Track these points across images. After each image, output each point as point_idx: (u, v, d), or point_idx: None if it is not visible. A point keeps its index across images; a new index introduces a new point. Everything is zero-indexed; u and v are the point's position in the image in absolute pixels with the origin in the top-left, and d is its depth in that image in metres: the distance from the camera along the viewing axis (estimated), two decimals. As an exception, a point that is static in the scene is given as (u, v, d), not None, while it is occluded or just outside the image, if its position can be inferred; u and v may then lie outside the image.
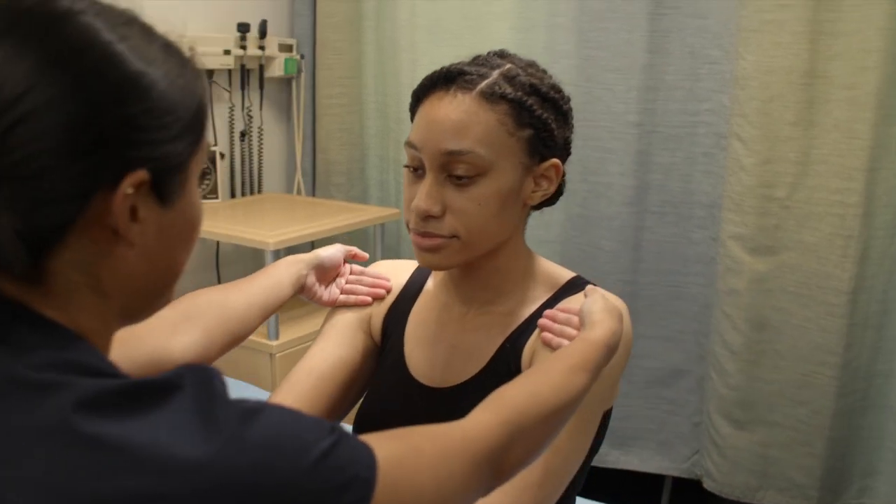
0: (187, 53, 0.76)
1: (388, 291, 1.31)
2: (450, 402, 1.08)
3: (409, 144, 1.13)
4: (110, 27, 0.69)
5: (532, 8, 2.70)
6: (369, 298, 1.30)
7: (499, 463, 0.82)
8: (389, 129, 3.08)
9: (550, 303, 1.17)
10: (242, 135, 3.11)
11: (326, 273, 1.32)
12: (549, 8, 2.67)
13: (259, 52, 3.02)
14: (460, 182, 1.09)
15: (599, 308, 1.05)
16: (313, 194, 3.30)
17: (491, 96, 1.09)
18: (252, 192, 3.19)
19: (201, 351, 1.17)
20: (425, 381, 1.22)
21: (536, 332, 1.14)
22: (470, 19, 2.82)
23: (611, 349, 1.01)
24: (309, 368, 1.27)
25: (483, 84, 1.09)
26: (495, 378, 1.11)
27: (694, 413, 2.66)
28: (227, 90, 3.05)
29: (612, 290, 2.55)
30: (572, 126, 1.19)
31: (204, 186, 2.94)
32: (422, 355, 1.24)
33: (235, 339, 1.22)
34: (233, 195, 3.13)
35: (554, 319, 1.09)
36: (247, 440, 0.64)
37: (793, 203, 2.30)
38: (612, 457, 2.77)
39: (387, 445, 0.74)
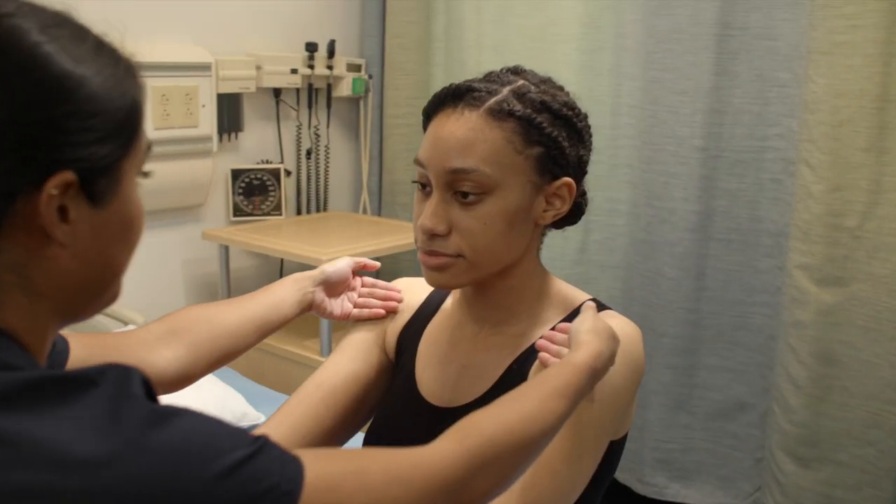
0: (123, 54, 0.75)
1: (400, 303, 1.29)
2: (448, 422, 1.04)
3: (417, 162, 1.11)
4: (40, 28, 0.68)
5: (598, 29, 2.67)
6: (383, 311, 1.28)
7: (458, 493, 0.78)
8: (454, 149, 3.06)
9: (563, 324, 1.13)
10: (308, 153, 3.14)
11: (335, 288, 1.30)
12: (616, 30, 2.63)
13: (327, 72, 3.05)
14: (466, 200, 1.07)
15: (587, 328, 1.01)
16: (379, 213, 3.30)
17: (499, 113, 1.06)
18: (318, 210, 3.21)
19: (186, 365, 1.16)
20: (434, 400, 1.19)
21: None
22: (536, 41, 2.80)
23: (596, 372, 0.97)
24: (320, 381, 1.25)
25: (491, 101, 1.07)
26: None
27: (757, 448, 2.56)
28: (294, 109, 3.08)
29: (673, 319, 2.54)
30: (588, 144, 1.15)
31: (268, 204, 2.97)
32: (432, 374, 1.21)
33: (226, 356, 1.21)
34: (298, 212, 3.16)
35: (552, 340, 1.05)
36: (149, 443, 0.63)
37: (863, 233, 2.20)
38: (672, 490, 2.69)
39: (325, 464, 0.72)
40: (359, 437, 1.29)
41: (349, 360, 1.27)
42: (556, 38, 2.75)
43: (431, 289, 1.31)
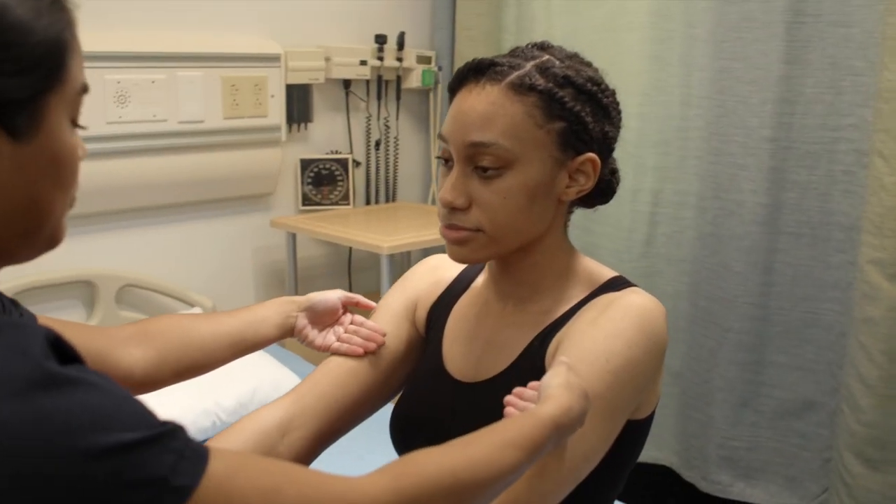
0: None
1: (382, 346, 1.26)
2: (475, 398, 1.05)
3: (440, 136, 1.12)
4: None
5: (668, 19, 2.62)
6: (361, 350, 1.24)
7: None
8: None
9: (586, 301, 1.13)
10: (377, 144, 3.16)
11: (320, 317, 1.28)
12: (685, 19, 2.58)
13: (396, 64, 3.07)
14: (486, 175, 1.07)
15: (557, 383, 0.97)
16: (447, 205, 3.31)
17: (520, 87, 1.06)
18: (387, 201, 3.23)
19: (150, 369, 1.17)
20: (458, 375, 1.20)
21: (564, 328, 1.11)
22: (606, 31, 2.77)
23: (561, 428, 0.93)
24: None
25: (513, 75, 1.07)
26: (520, 375, 1.09)
27: (825, 448, 2.49)
28: (363, 100, 3.11)
29: (739, 314, 2.48)
30: (615, 120, 1.14)
31: (336, 193, 3.01)
32: (457, 350, 1.22)
33: (195, 367, 1.21)
34: (367, 202, 3.19)
35: (521, 396, 1.01)
36: (29, 406, 0.61)
37: (938, 227, 2.12)
38: (736, 488, 2.63)
39: (236, 472, 0.69)
40: (386, 411, 1.30)
41: None
42: (626, 28, 2.71)
43: (464, 266, 1.31)
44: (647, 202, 2.70)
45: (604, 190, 1.17)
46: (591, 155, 1.09)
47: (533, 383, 1.02)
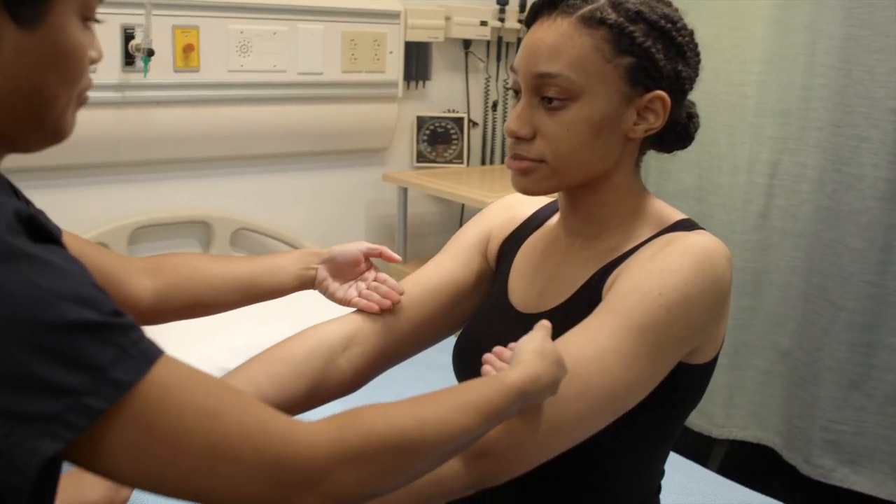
0: None
1: (398, 303, 1.26)
2: (531, 327, 1.06)
3: (511, 68, 1.14)
4: None
5: (798, -18, 2.52)
6: (375, 307, 1.24)
7: (316, 482, 0.72)
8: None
9: (652, 240, 1.12)
10: (495, 105, 3.17)
11: (341, 270, 1.28)
12: (816, -18, 2.48)
13: (517, 26, 3.06)
14: (551, 106, 1.08)
15: (531, 348, 0.96)
16: (563, 169, 3.29)
17: (590, 21, 1.07)
18: (502, 162, 3.24)
19: (157, 301, 1.19)
20: (520, 307, 1.21)
21: (624, 263, 1.10)
22: (730, -6, 2.69)
23: (526, 395, 0.91)
24: (419, 280, 1.30)
25: (585, 9, 1.08)
26: (577, 308, 1.10)
27: (937, 439, 2.37)
28: (482, 61, 3.13)
29: (854, 292, 2.39)
30: (691, 61, 1.12)
31: (451, 152, 3.04)
32: (522, 283, 1.23)
33: (202, 305, 1.24)
34: (483, 162, 3.21)
35: (500, 356, 1.00)
36: (5, 266, 0.64)
37: None
38: (839, 474, 2.54)
39: (180, 382, 0.69)
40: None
41: (450, 262, 1.32)
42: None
43: (542, 204, 1.33)
44: (764, 173, 2.62)
45: (680, 134, 1.17)
46: (661, 93, 1.09)
47: (512, 344, 1.01)
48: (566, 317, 1.10)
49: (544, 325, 1.01)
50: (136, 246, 2.56)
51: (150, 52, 2.33)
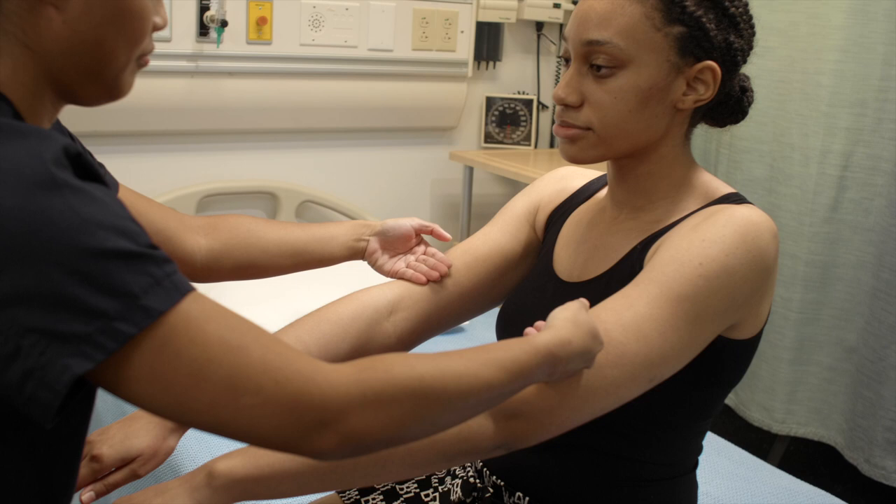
0: None
1: (445, 277, 1.27)
2: (574, 297, 1.07)
3: (562, 36, 1.13)
4: None
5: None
6: (423, 278, 1.26)
7: (334, 421, 0.73)
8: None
9: (697, 212, 1.11)
10: (565, 88, 3.16)
11: (392, 243, 1.30)
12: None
13: (592, 8, 3.04)
14: (599, 73, 1.09)
15: (565, 316, 0.96)
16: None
17: None
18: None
19: (210, 260, 1.23)
20: (564, 275, 1.22)
21: (667, 233, 1.10)
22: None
23: (554, 359, 0.91)
24: (467, 248, 1.32)
25: None
26: (618, 277, 1.10)
27: None
28: (554, 43, 3.11)
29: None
30: (744, 33, 1.11)
31: (519, 133, 3.03)
32: (567, 252, 1.24)
33: (254, 267, 1.27)
34: (551, 145, 3.20)
35: (540, 330, 0.99)
36: (29, 199, 0.66)
37: None
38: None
39: (208, 316, 0.71)
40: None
41: (498, 232, 1.33)
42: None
43: (592, 177, 1.33)
44: (837, 165, 2.55)
45: (732, 107, 1.17)
46: (711, 63, 1.08)
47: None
48: (608, 286, 1.10)
49: (582, 300, 1.02)
50: (203, 213, 2.62)
51: (224, 23, 2.37)
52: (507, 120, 3.03)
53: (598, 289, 1.09)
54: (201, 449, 1.71)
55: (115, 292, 0.67)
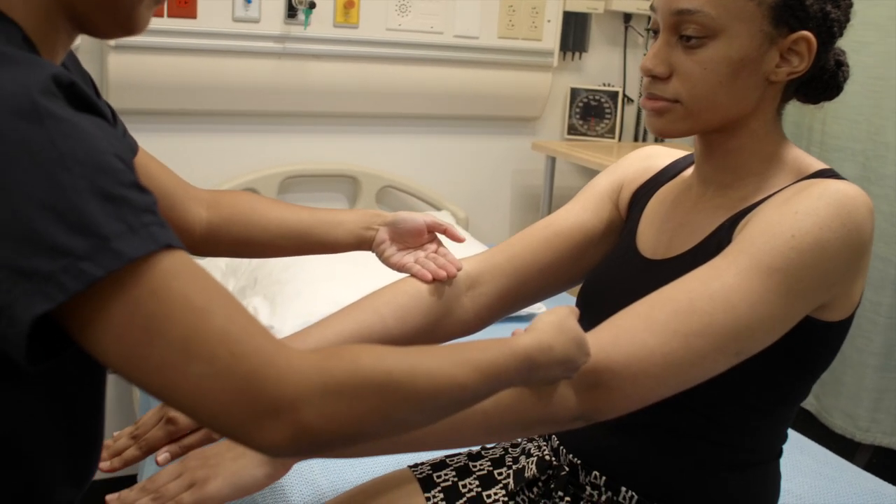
0: None
1: (453, 277, 1.23)
2: (658, 274, 1.05)
3: (651, 7, 1.11)
4: None
5: None
6: (429, 276, 1.22)
7: (290, 407, 0.68)
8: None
9: (789, 188, 1.07)
10: (652, 82, 3.11)
11: (402, 236, 1.26)
12: None
13: (682, 0, 2.98)
14: (689, 44, 1.05)
15: (550, 320, 0.93)
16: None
17: None
18: (656, 141, 3.17)
19: (209, 233, 1.21)
20: (647, 253, 1.20)
21: (756, 209, 1.06)
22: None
23: (533, 364, 0.87)
24: (549, 223, 1.31)
25: None
26: (705, 254, 1.06)
27: None
28: (641, 35, 3.06)
29: None
30: (842, 4, 1.07)
31: (603, 126, 2.99)
32: (651, 230, 1.21)
33: (253, 245, 1.24)
34: (636, 139, 3.16)
35: None
36: (7, 126, 0.65)
37: None
38: None
39: (181, 273, 0.68)
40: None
41: (581, 209, 1.31)
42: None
43: (678, 156, 1.30)
44: (935, 164, 2.47)
45: (827, 82, 1.12)
46: (807, 33, 1.04)
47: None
48: (692, 263, 1.07)
49: (572, 307, 0.99)
50: (285, 195, 2.64)
51: (312, 5, 2.39)
52: (591, 112, 2.99)
53: (683, 266, 1.06)
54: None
55: (85, 231, 0.64)
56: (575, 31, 2.94)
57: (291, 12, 2.44)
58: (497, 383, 0.84)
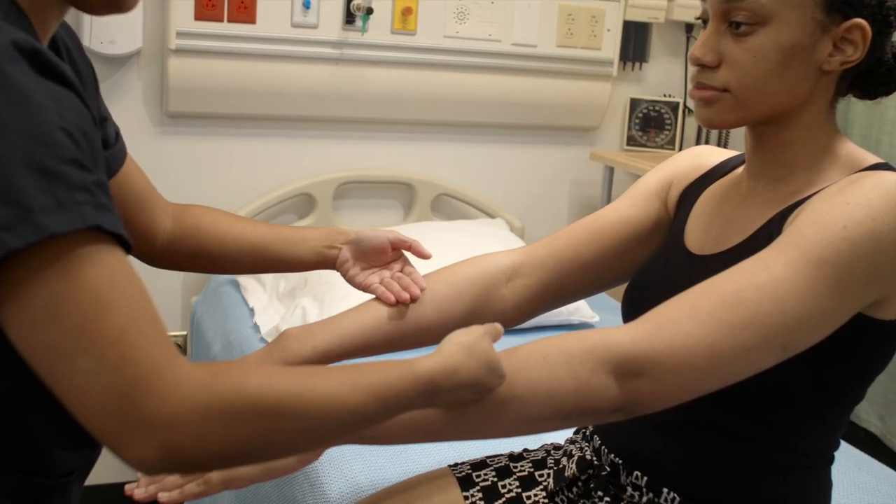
0: None
1: (414, 301, 1.19)
2: (706, 269, 1.01)
3: None
4: None
5: None
6: (392, 297, 1.18)
7: (159, 425, 0.65)
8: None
9: (842, 181, 1.03)
10: (714, 93, 3.06)
11: (365, 255, 1.23)
12: None
13: (746, 10, 2.94)
14: (739, 31, 1.03)
15: (460, 341, 0.90)
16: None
17: None
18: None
19: (168, 243, 1.19)
20: (695, 249, 1.17)
21: (807, 202, 1.02)
22: None
23: (436, 388, 0.84)
24: (595, 217, 1.29)
25: None
26: (753, 249, 1.03)
27: None
28: (704, 45, 3.02)
29: None
30: None
31: (663, 137, 2.95)
32: (699, 226, 1.19)
33: (211, 259, 1.21)
34: (696, 153, 3.10)
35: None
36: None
37: None
38: None
39: (94, 266, 0.66)
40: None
41: (628, 205, 1.29)
42: None
43: (729, 155, 1.28)
44: None
45: (884, 75, 1.08)
46: (861, 21, 1.01)
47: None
48: (741, 258, 1.04)
49: (493, 327, 0.97)
50: (340, 201, 2.65)
51: (370, 10, 2.40)
52: (650, 123, 2.95)
53: (731, 261, 1.03)
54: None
55: (10, 202, 0.63)
56: (635, 41, 2.91)
57: (349, 18, 2.45)
58: (395, 408, 0.82)
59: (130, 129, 2.38)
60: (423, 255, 1.25)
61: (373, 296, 1.21)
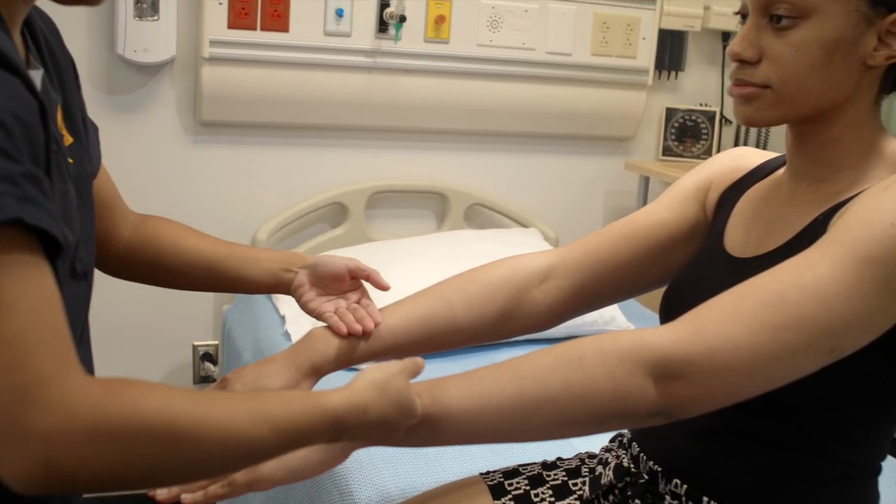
0: None
1: (366, 334, 1.15)
2: (747, 272, 0.98)
3: None
4: None
5: None
6: (344, 329, 1.14)
7: (40, 445, 0.61)
8: None
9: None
10: (751, 102, 3.01)
11: (322, 281, 1.20)
12: None
13: (784, 18, 2.89)
14: (780, 25, 0.99)
15: (373, 378, 0.87)
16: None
17: None
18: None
19: (125, 253, 1.17)
20: (735, 252, 1.13)
21: (852, 201, 0.99)
22: None
23: (343, 425, 0.82)
24: (630, 219, 1.27)
25: None
26: (796, 250, 0.99)
27: None
28: (741, 53, 2.98)
29: None
30: None
31: (699, 147, 2.91)
32: (739, 229, 1.15)
33: (164, 272, 1.19)
34: (733, 163, 3.06)
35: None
36: None
37: None
38: None
39: (12, 269, 0.63)
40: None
41: (664, 207, 1.27)
42: None
43: (770, 157, 1.24)
44: None
45: None
46: None
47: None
48: (782, 260, 1.00)
49: (413, 362, 0.94)
50: (372, 210, 2.64)
51: (403, 18, 2.39)
52: (687, 132, 2.91)
53: (772, 264, 0.99)
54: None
55: None
56: (671, 50, 2.88)
57: (382, 27, 2.45)
58: (296, 442, 0.80)
59: (163, 137, 2.39)
60: (381, 286, 1.21)
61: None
